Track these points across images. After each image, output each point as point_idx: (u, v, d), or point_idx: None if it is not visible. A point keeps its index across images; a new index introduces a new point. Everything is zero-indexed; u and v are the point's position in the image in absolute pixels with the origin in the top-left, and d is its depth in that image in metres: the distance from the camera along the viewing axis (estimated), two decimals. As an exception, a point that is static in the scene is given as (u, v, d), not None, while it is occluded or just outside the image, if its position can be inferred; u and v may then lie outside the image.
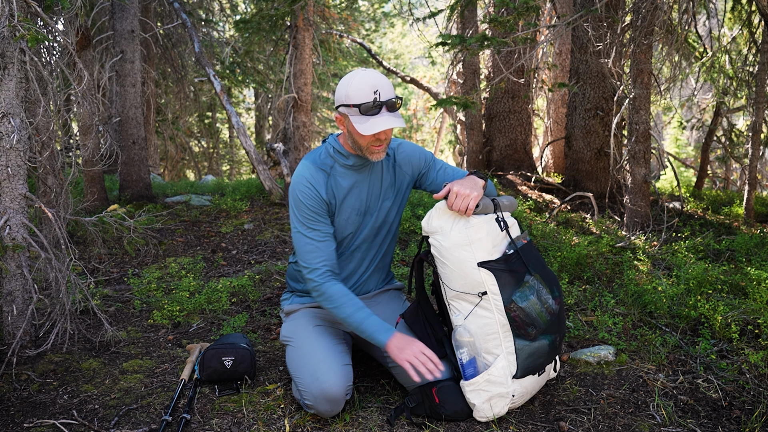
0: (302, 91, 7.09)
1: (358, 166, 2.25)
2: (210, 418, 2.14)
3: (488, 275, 2.04)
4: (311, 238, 2.17)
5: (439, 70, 16.06)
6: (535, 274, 2.11)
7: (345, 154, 2.23)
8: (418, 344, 2.08)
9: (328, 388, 2.02)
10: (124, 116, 5.52)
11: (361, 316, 2.11)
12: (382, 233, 2.38)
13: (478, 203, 2.08)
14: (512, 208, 2.27)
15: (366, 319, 2.11)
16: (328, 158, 2.25)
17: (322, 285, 2.15)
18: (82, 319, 3.11)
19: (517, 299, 2.05)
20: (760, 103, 5.34)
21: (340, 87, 2.12)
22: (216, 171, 14.95)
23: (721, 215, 5.59)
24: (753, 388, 2.34)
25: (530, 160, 7.35)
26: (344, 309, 2.12)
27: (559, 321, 2.16)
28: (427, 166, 2.40)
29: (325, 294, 2.14)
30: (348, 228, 2.28)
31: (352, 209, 2.26)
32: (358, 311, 2.12)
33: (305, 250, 2.17)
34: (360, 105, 2.05)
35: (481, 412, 2.07)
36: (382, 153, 2.16)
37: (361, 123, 2.06)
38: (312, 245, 2.17)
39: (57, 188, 3.00)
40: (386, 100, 2.06)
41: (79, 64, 2.99)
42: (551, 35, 5.29)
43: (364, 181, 2.28)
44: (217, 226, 5.05)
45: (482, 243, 2.06)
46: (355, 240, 2.32)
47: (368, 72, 2.09)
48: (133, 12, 5.51)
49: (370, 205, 2.30)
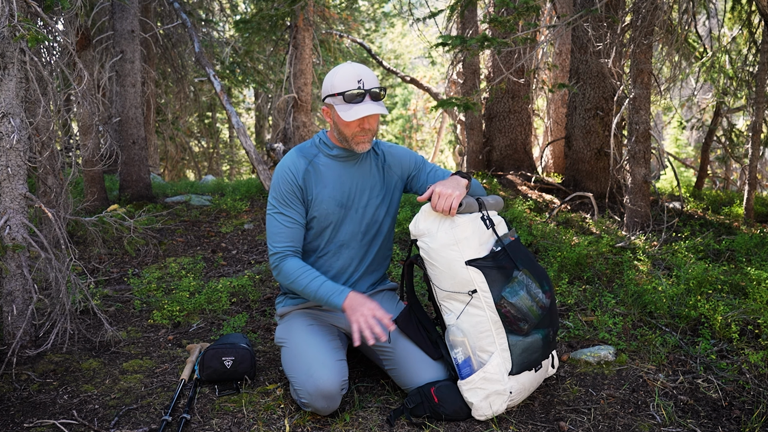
0: (302, 91, 7.09)
1: (342, 158, 2.30)
2: (210, 418, 2.14)
3: (477, 273, 2.06)
4: (280, 222, 2.24)
5: (439, 70, 16.07)
6: (524, 269, 2.12)
7: (330, 145, 2.30)
8: (370, 305, 2.10)
9: (322, 384, 2.03)
10: (124, 116, 5.52)
11: (316, 285, 2.15)
12: (371, 233, 2.38)
13: (461, 202, 2.11)
14: (498, 207, 2.29)
15: (320, 286, 2.15)
16: (313, 148, 2.33)
17: (279, 263, 2.22)
18: (82, 319, 3.12)
19: (507, 295, 2.06)
20: (760, 103, 5.34)
21: (326, 79, 2.21)
22: (216, 171, 14.96)
23: (721, 215, 5.59)
24: (753, 388, 2.34)
25: (530, 160, 7.34)
26: (300, 281, 2.17)
27: (551, 315, 2.18)
28: (417, 168, 2.43)
29: (282, 270, 2.21)
30: (328, 218, 2.30)
31: (332, 199, 2.28)
32: (312, 281, 2.16)
33: (273, 231, 2.25)
34: (344, 92, 2.14)
35: (480, 410, 2.08)
36: (367, 144, 2.22)
37: (345, 111, 2.14)
38: (280, 228, 2.24)
39: (57, 188, 3.00)
40: (369, 89, 2.14)
41: (79, 64, 2.99)
42: (551, 35, 5.29)
43: (348, 174, 2.31)
44: (217, 226, 5.05)
45: (469, 242, 2.08)
46: (339, 234, 2.33)
47: (353, 64, 2.19)
48: (133, 12, 5.51)
49: (354, 200, 2.32)
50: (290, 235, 2.24)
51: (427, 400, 2.10)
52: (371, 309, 2.08)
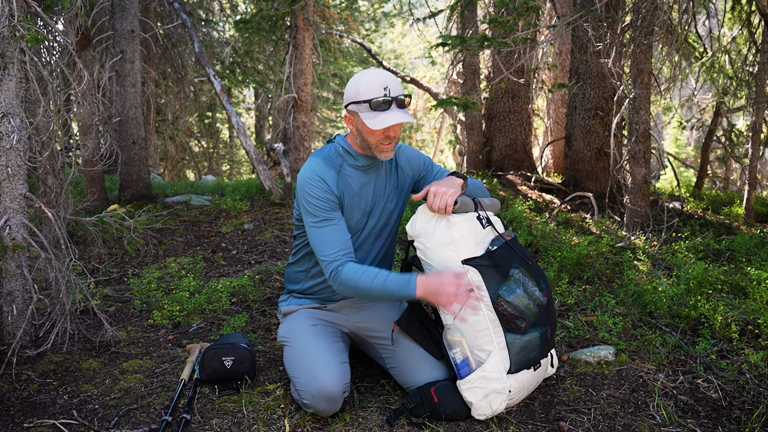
0: (302, 91, 7.09)
1: (366, 167, 2.25)
2: (210, 418, 2.14)
3: (473, 272, 2.07)
4: (325, 231, 2.13)
5: (439, 70, 16.07)
6: (520, 268, 2.13)
7: (354, 155, 2.23)
8: (447, 279, 1.98)
9: (325, 386, 2.02)
10: (124, 116, 5.52)
11: (380, 281, 2.03)
12: (384, 235, 2.38)
13: (456, 200, 2.11)
14: (494, 208, 2.30)
15: (386, 281, 2.03)
16: (338, 157, 2.24)
17: (337, 273, 2.09)
18: (82, 319, 3.12)
19: (503, 293, 2.07)
20: (760, 103, 5.34)
21: (349, 85, 2.13)
22: (216, 171, 14.95)
23: (721, 215, 5.59)
24: (753, 388, 2.34)
25: (530, 160, 7.34)
26: (363, 282, 2.04)
27: (548, 313, 2.18)
28: (426, 169, 2.43)
29: (341, 278, 2.07)
30: (353, 228, 2.27)
31: (358, 209, 2.26)
32: (376, 277, 2.04)
33: (320, 242, 2.13)
34: (370, 100, 2.06)
35: (480, 409, 2.08)
36: (390, 152, 2.16)
37: (371, 118, 2.07)
38: (327, 236, 2.12)
39: (57, 188, 3.00)
40: (396, 96, 2.09)
41: (79, 64, 2.99)
42: (551, 35, 5.29)
43: (370, 183, 2.28)
44: (217, 226, 5.05)
45: (465, 241, 2.09)
46: (357, 240, 2.32)
47: (378, 70, 2.12)
48: (133, 12, 5.51)
49: (375, 207, 2.31)
50: (339, 241, 2.12)
51: (427, 399, 2.11)
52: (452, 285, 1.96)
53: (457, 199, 2.13)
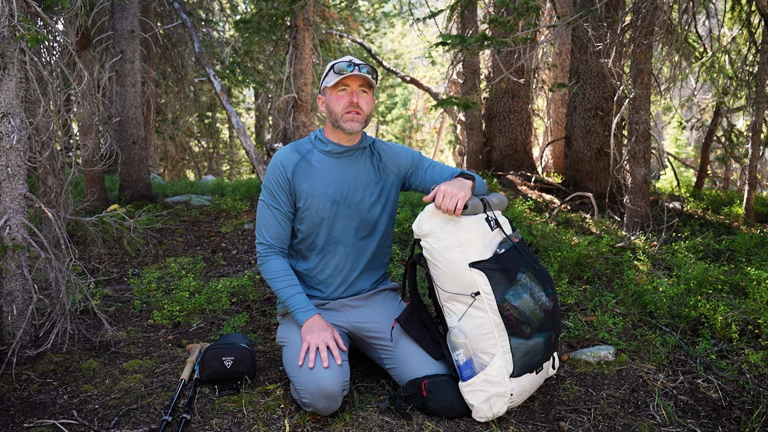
0: (302, 91, 7.09)
1: (336, 154, 2.34)
2: (210, 418, 2.14)
3: (480, 275, 2.05)
4: (270, 213, 2.32)
5: (439, 70, 16.07)
6: (528, 272, 2.12)
7: (324, 141, 2.36)
8: (328, 333, 2.16)
9: (324, 384, 2.02)
10: (124, 116, 5.52)
11: (289, 292, 2.26)
12: (366, 231, 2.38)
13: (466, 204, 2.09)
14: (502, 206, 2.28)
15: (294, 296, 2.25)
16: (308, 143, 2.39)
17: (266, 257, 2.32)
18: (82, 319, 3.12)
19: (510, 298, 2.05)
20: (760, 103, 5.34)
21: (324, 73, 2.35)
22: (216, 171, 14.96)
23: (721, 215, 5.59)
24: (753, 388, 2.34)
25: (530, 160, 7.34)
26: (278, 282, 2.28)
27: (553, 318, 2.17)
28: (415, 165, 2.43)
29: (266, 265, 2.31)
30: (320, 213, 2.31)
31: (324, 195, 2.30)
32: (289, 287, 2.27)
33: (262, 222, 2.34)
34: (334, 65, 2.25)
35: (480, 412, 2.07)
36: (356, 123, 2.26)
37: (333, 80, 2.24)
38: (270, 220, 2.32)
39: (57, 188, 3.00)
40: (359, 64, 2.24)
41: (79, 64, 2.99)
42: (551, 35, 5.29)
43: (341, 171, 2.33)
44: (217, 226, 5.05)
45: (473, 243, 2.07)
46: (332, 230, 2.33)
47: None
48: (133, 12, 5.51)
49: (347, 196, 2.33)
50: (279, 232, 2.32)
51: (419, 391, 2.11)
52: (326, 338, 2.14)
53: (467, 203, 2.10)
